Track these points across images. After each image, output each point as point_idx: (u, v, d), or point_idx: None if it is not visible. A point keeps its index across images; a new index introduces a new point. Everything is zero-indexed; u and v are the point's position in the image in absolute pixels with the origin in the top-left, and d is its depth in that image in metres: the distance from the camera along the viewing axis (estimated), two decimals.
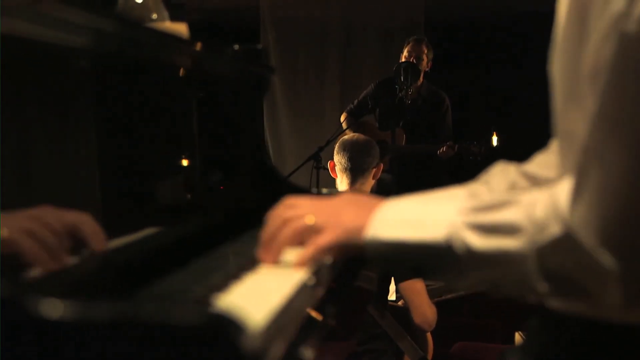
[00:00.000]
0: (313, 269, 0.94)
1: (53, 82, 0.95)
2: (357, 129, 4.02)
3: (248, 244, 1.13)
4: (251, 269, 0.97)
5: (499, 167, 1.10)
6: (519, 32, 5.56)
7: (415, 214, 0.89)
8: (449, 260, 0.83)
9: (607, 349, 0.84)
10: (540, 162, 1.09)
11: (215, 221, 1.36)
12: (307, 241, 0.95)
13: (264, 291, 0.85)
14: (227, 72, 1.51)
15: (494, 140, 4.21)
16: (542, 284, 0.78)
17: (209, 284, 0.87)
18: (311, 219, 0.95)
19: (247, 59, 1.50)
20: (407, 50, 4.21)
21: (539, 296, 0.86)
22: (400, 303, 2.83)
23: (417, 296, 2.48)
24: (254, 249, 1.01)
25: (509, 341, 2.65)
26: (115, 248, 0.97)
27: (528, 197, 0.81)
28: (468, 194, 1.06)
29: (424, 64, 4.22)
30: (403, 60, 4.19)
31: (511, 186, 1.07)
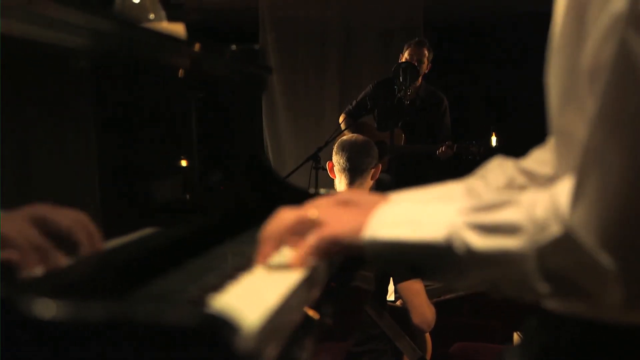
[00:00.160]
0: (309, 269, 0.94)
1: (51, 82, 0.95)
2: (356, 130, 4.02)
3: (245, 244, 1.12)
4: (247, 269, 0.96)
5: (496, 162, 1.10)
6: (518, 32, 5.56)
7: (415, 213, 0.88)
8: (448, 261, 0.83)
9: (605, 349, 0.83)
10: (537, 159, 1.08)
11: (212, 221, 1.36)
12: (306, 234, 0.93)
13: (259, 291, 0.85)
14: (225, 73, 1.51)
15: (493, 140, 4.21)
16: (542, 284, 0.78)
17: (204, 284, 0.87)
18: (313, 212, 0.94)
19: (244, 59, 1.50)
20: (408, 53, 4.21)
21: (539, 296, 0.86)
22: (399, 303, 2.82)
23: (416, 296, 2.48)
24: (251, 249, 1.01)
25: (508, 341, 2.64)
26: (112, 248, 0.97)
27: (528, 197, 0.80)
28: (465, 189, 1.06)
29: (424, 67, 4.23)
30: (402, 61, 4.19)
31: (509, 182, 1.07)
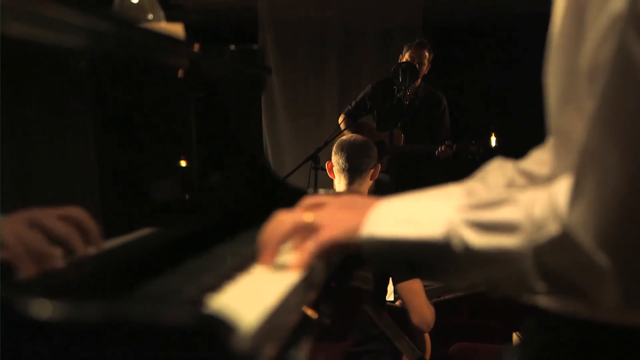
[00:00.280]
0: (307, 270, 0.94)
1: (50, 83, 0.95)
2: (355, 130, 4.02)
3: (244, 244, 1.12)
4: (245, 270, 0.96)
5: (496, 163, 1.10)
6: (518, 32, 5.56)
7: (413, 211, 0.88)
8: (446, 258, 0.82)
9: (603, 350, 0.83)
10: (536, 159, 1.08)
11: (211, 221, 1.36)
12: (305, 239, 0.94)
13: (257, 292, 0.85)
14: (223, 73, 1.51)
15: (492, 140, 4.21)
16: (539, 283, 0.77)
17: (202, 285, 0.87)
18: (309, 216, 0.94)
19: (243, 59, 1.50)
20: (409, 55, 4.20)
21: (537, 295, 0.85)
22: (398, 303, 2.82)
23: (415, 296, 2.48)
24: (249, 249, 1.01)
25: (507, 342, 2.64)
26: (111, 248, 0.97)
27: (527, 196, 0.80)
28: (465, 191, 1.06)
29: (424, 68, 4.23)
30: (402, 61, 4.19)
31: (509, 183, 1.06)
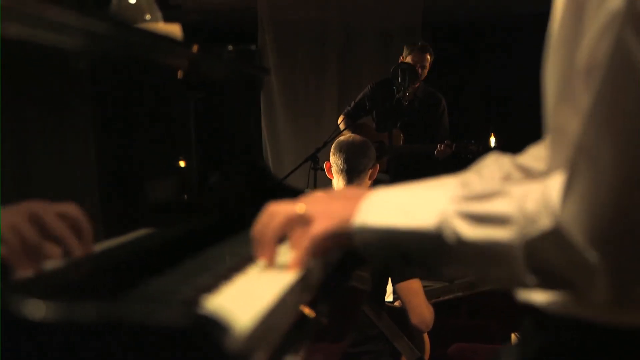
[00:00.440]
0: (304, 270, 0.93)
1: (49, 83, 0.95)
2: (355, 131, 4.03)
3: (241, 244, 1.12)
4: (242, 270, 0.96)
5: (493, 157, 1.10)
6: (517, 33, 5.56)
7: (406, 201, 0.88)
8: (438, 249, 0.82)
9: (600, 351, 0.83)
10: (534, 155, 1.08)
11: (208, 222, 1.36)
12: (298, 232, 0.93)
13: (253, 292, 0.85)
14: (221, 73, 1.51)
15: (491, 141, 4.21)
16: (530, 277, 0.77)
17: (198, 285, 0.86)
18: (302, 207, 0.93)
19: (240, 59, 1.50)
20: (411, 58, 4.19)
21: (530, 290, 0.85)
22: (397, 304, 2.82)
23: (414, 297, 2.48)
24: (247, 249, 1.00)
25: (506, 342, 2.64)
26: (108, 249, 0.97)
27: (520, 190, 0.80)
28: (460, 183, 1.06)
29: (425, 71, 4.23)
30: (402, 62, 4.20)
31: (505, 177, 1.06)
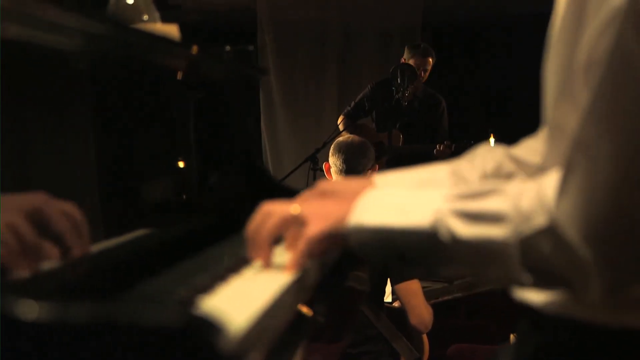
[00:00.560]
0: (301, 271, 0.93)
1: (47, 84, 0.95)
2: (354, 131, 4.03)
3: (239, 245, 1.12)
4: (238, 271, 0.96)
5: (486, 147, 1.10)
6: (516, 33, 5.57)
7: (401, 200, 0.87)
8: (434, 248, 0.82)
9: (597, 351, 0.83)
10: (528, 147, 1.08)
11: (207, 222, 1.36)
12: (294, 234, 0.93)
13: (248, 293, 0.85)
14: (219, 74, 1.51)
15: (491, 141, 4.21)
16: (525, 275, 0.77)
17: (194, 286, 0.86)
18: (296, 208, 0.93)
19: (238, 60, 1.50)
20: (413, 62, 4.18)
21: (523, 286, 0.85)
22: (396, 304, 2.82)
23: (413, 297, 2.49)
24: (244, 250, 1.00)
25: (505, 343, 2.64)
26: (106, 249, 0.97)
27: (515, 187, 0.80)
28: (450, 171, 1.06)
29: (426, 75, 4.24)
30: (401, 63, 4.20)
31: (497, 167, 1.07)
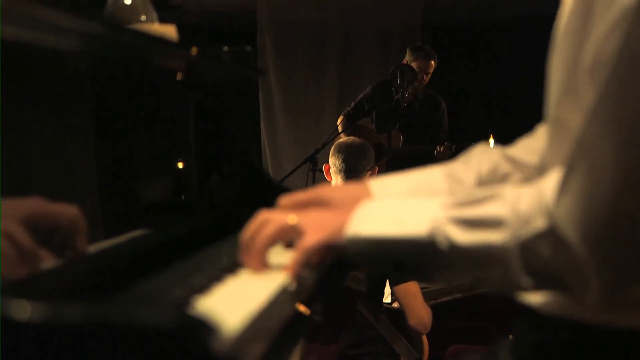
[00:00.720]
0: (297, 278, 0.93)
1: (45, 85, 0.95)
2: (354, 132, 4.03)
3: (235, 246, 1.12)
4: (235, 272, 0.96)
5: (481, 148, 1.10)
6: (516, 34, 5.56)
7: (397, 209, 0.88)
8: (432, 256, 0.82)
9: (594, 351, 0.83)
10: (524, 147, 1.08)
11: (205, 223, 1.36)
12: (289, 242, 0.94)
13: (244, 294, 0.85)
14: (216, 74, 1.51)
15: (490, 142, 4.20)
16: (525, 279, 0.77)
17: (190, 286, 0.86)
18: (293, 218, 0.93)
19: (236, 61, 1.50)
20: (416, 65, 4.17)
21: (523, 290, 0.85)
22: (395, 305, 2.82)
23: (412, 299, 2.48)
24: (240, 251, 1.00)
25: None
26: (103, 249, 0.97)
27: (513, 191, 0.80)
28: (445, 173, 1.06)
29: (428, 77, 4.23)
30: (400, 63, 4.20)
31: (493, 168, 1.06)
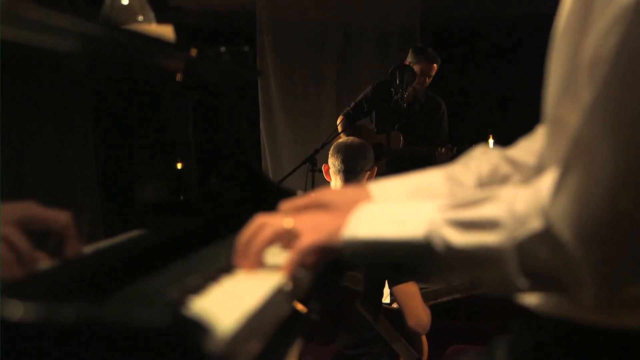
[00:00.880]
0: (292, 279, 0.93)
1: (45, 86, 0.95)
2: (354, 132, 4.03)
3: (232, 246, 1.12)
4: (231, 272, 0.96)
5: (481, 150, 1.10)
6: (515, 34, 5.57)
7: (394, 212, 0.88)
8: (428, 258, 0.83)
9: (592, 351, 0.83)
10: (524, 148, 1.08)
11: (203, 223, 1.36)
12: (286, 245, 0.94)
13: (239, 294, 0.85)
14: (214, 75, 1.51)
15: (490, 143, 4.20)
16: (522, 280, 0.77)
17: (185, 286, 0.86)
18: (289, 222, 0.94)
19: (233, 61, 1.50)
20: (419, 68, 4.15)
21: (520, 291, 0.85)
22: (394, 305, 2.82)
23: (411, 299, 2.48)
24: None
25: None
26: (99, 249, 0.97)
27: (509, 192, 0.80)
28: (445, 176, 1.07)
29: (429, 80, 4.23)
30: (400, 64, 4.20)
31: (493, 170, 1.07)
